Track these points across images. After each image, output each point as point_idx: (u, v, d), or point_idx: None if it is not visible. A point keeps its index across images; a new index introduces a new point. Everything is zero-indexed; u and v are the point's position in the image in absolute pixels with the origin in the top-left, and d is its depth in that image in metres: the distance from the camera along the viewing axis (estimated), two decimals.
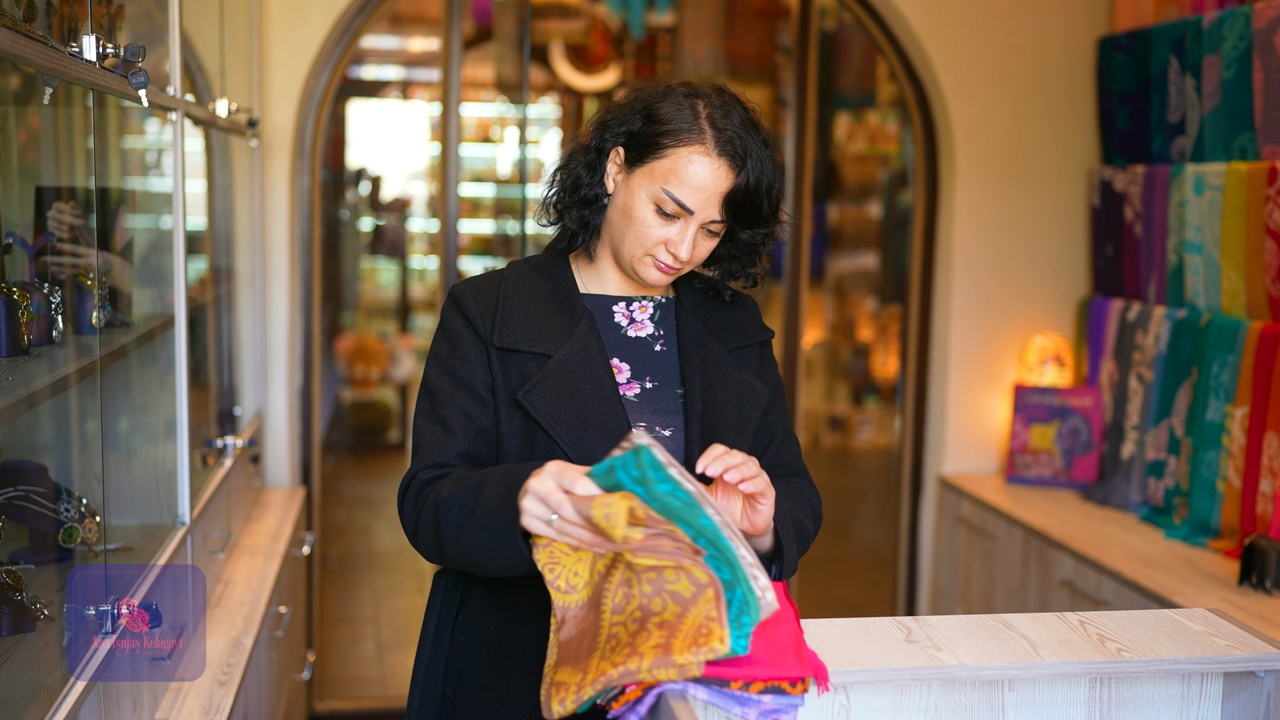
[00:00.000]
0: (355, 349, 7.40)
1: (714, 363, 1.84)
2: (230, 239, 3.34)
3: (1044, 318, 4.02)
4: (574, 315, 1.80)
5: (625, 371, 1.82)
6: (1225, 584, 2.90)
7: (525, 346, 1.76)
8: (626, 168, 1.77)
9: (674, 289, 1.91)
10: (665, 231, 1.73)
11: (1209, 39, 3.30)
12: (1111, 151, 3.85)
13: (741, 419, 1.82)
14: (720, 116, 1.71)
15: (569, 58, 7.66)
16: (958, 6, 3.85)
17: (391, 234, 7.81)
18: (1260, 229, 3.10)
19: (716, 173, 1.70)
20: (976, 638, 1.53)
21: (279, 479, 3.68)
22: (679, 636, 1.35)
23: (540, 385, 1.73)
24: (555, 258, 1.88)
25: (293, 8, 3.56)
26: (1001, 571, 3.61)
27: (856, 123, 8.13)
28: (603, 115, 1.82)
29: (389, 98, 8.66)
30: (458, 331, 1.80)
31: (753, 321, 1.94)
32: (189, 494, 2.40)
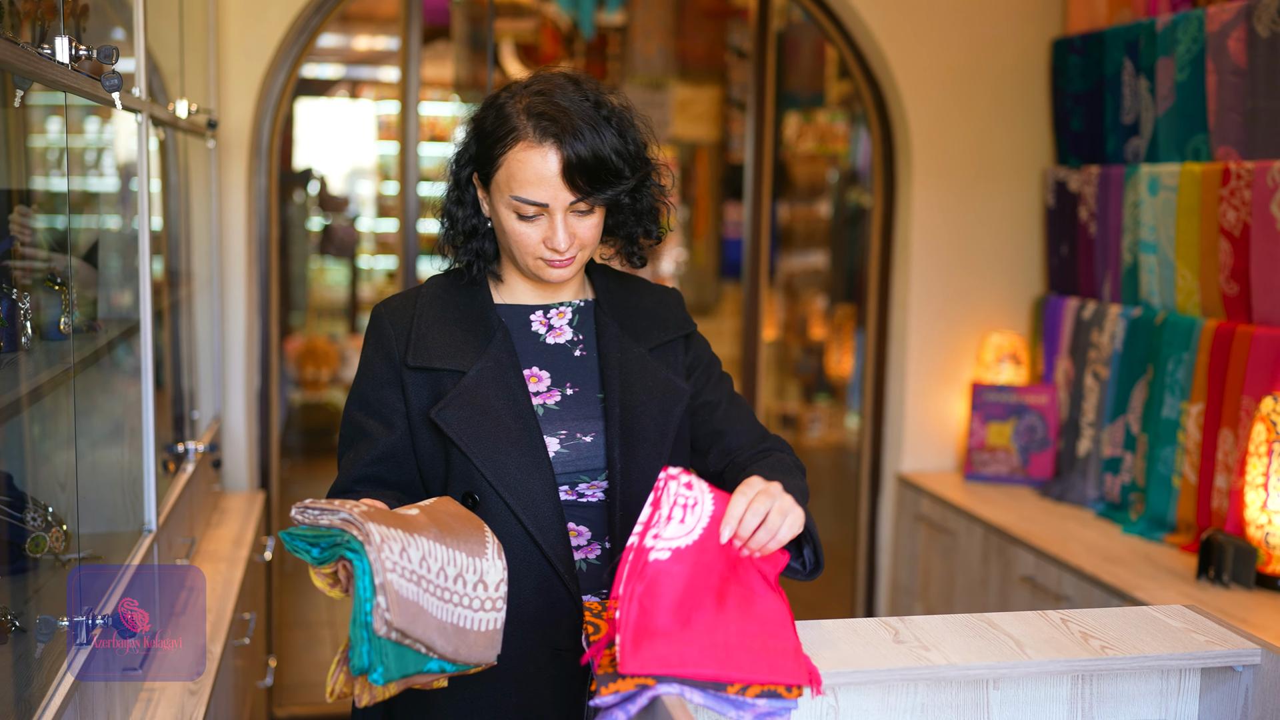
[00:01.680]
0: (305, 350, 7.34)
1: (633, 363, 1.85)
2: (187, 241, 3.30)
3: (1000, 316, 4.07)
4: (488, 330, 1.81)
5: (545, 380, 1.83)
6: (1184, 578, 2.95)
7: (439, 364, 1.77)
8: (484, 189, 1.79)
9: (592, 290, 1.91)
10: (538, 231, 1.74)
11: (1163, 41, 3.35)
12: (1066, 152, 3.90)
13: (663, 419, 1.84)
14: (538, 102, 1.71)
15: (519, 57, 7.64)
16: (914, 8, 3.89)
17: (341, 234, 7.75)
18: (1214, 229, 3.15)
19: (545, 159, 1.69)
20: (963, 637, 1.55)
21: (238, 483, 3.64)
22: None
23: (453, 403, 1.74)
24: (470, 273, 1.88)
25: (250, 7, 3.53)
26: (962, 568, 3.65)
27: (806, 122, 8.17)
28: (455, 149, 1.84)
29: (337, 96, 8.59)
30: (369, 356, 1.83)
31: (674, 316, 1.94)
32: (155, 500, 2.37)
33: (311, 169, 8.08)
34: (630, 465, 1.79)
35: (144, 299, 2.34)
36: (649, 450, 1.81)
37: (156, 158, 3.03)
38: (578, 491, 1.78)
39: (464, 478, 1.74)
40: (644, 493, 1.77)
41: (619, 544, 1.77)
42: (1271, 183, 2.94)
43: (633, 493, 1.78)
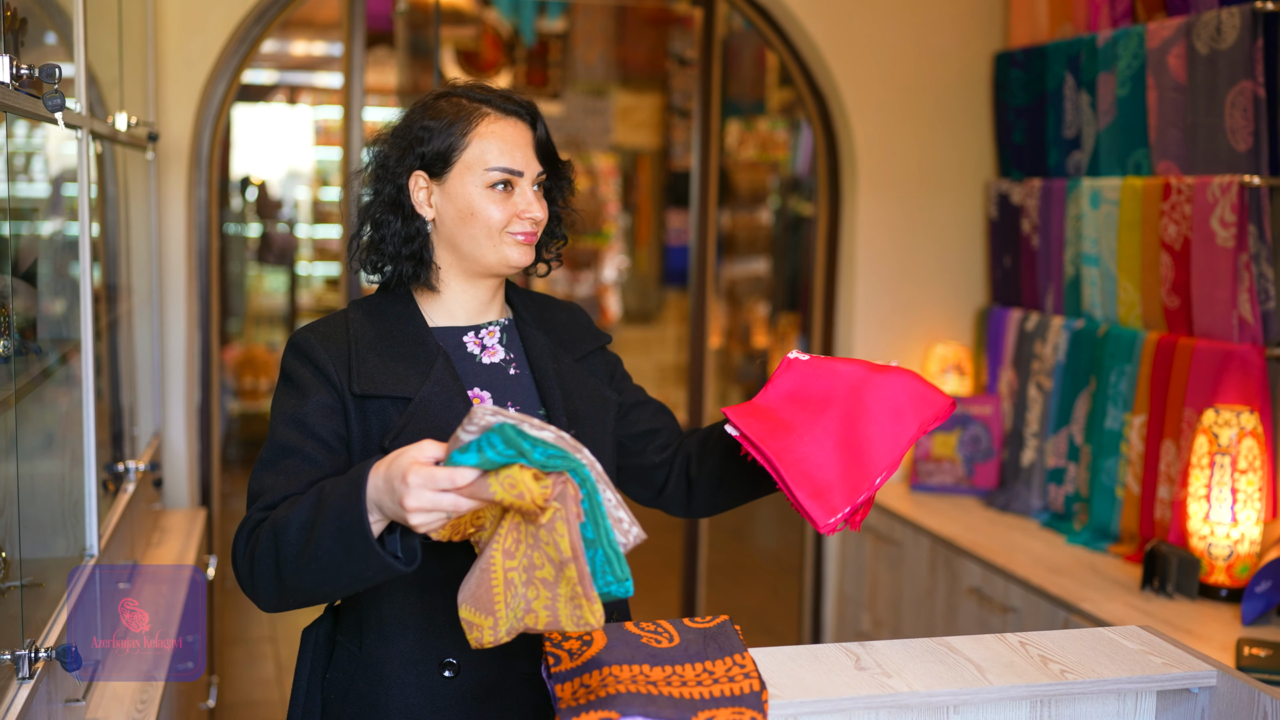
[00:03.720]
0: (243, 359, 7.24)
1: (567, 374, 1.86)
2: (126, 254, 3.23)
3: (944, 327, 4.09)
4: (428, 354, 1.78)
5: (488, 400, 1.81)
6: (1128, 588, 2.98)
7: (384, 391, 1.72)
8: (436, 183, 1.78)
9: (510, 308, 1.92)
10: (509, 205, 1.77)
11: (1104, 57, 3.39)
12: (1009, 164, 3.94)
13: (601, 428, 1.86)
14: (478, 92, 1.80)
15: (460, 63, 7.60)
16: (858, 20, 3.91)
17: (280, 241, 7.66)
18: (1155, 242, 3.20)
19: (516, 128, 1.78)
20: (924, 662, 1.55)
21: (178, 501, 3.58)
22: (560, 602, 1.36)
23: (407, 430, 1.69)
24: (397, 295, 1.84)
25: (189, 16, 3.47)
26: (909, 579, 3.67)
27: (747, 130, 8.19)
28: (371, 165, 1.83)
29: (274, 102, 8.50)
30: (306, 381, 1.73)
31: (588, 328, 1.98)
32: (96, 523, 2.31)
33: (249, 176, 7.98)
34: None
35: (85, 318, 2.29)
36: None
37: (95, 169, 2.97)
38: None
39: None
40: None
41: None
42: (1211, 198, 2.98)
43: None
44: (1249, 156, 2.93)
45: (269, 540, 1.54)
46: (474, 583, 1.40)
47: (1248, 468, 2.86)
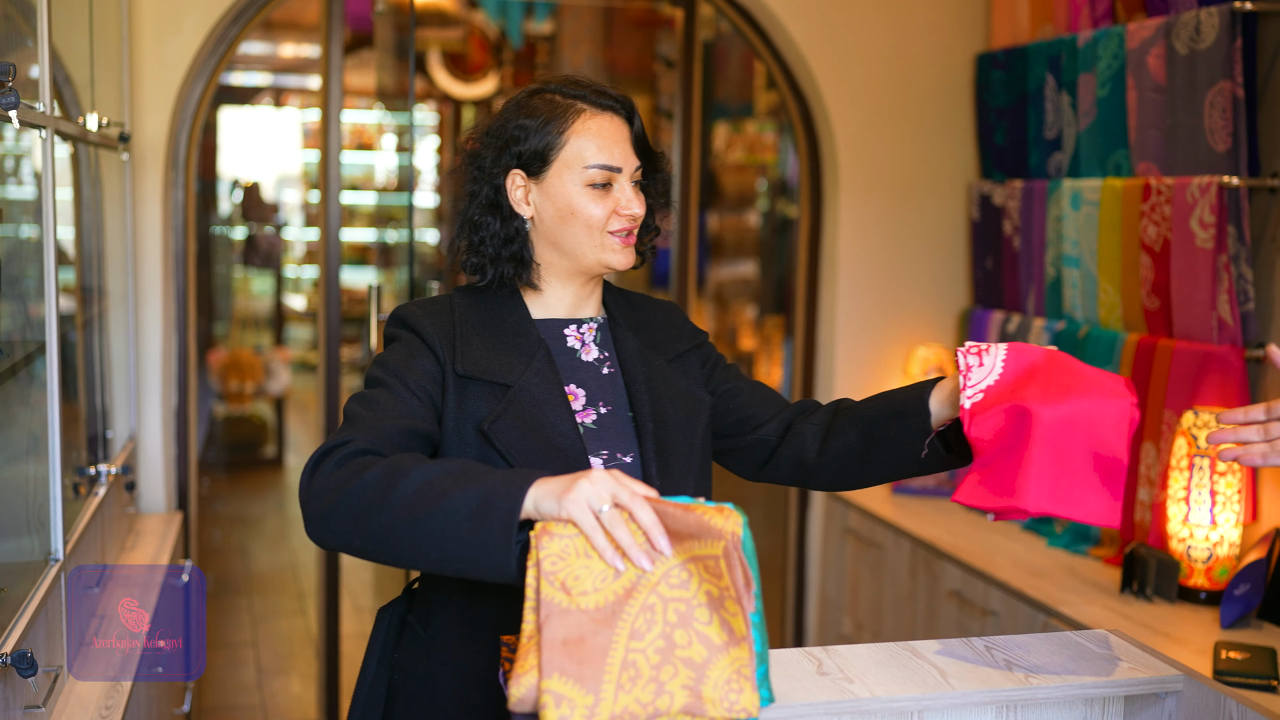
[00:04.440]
0: (228, 362, 7.21)
1: (657, 378, 1.84)
2: (100, 255, 3.21)
3: (927, 329, 4.08)
4: (530, 344, 1.78)
5: (580, 398, 1.80)
6: (1108, 591, 2.96)
7: (486, 375, 1.73)
8: (534, 182, 1.77)
9: (605, 308, 1.90)
10: (609, 202, 1.75)
11: (1084, 58, 3.38)
12: (990, 166, 3.93)
13: (690, 431, 1.83)
14: (572, 88, 1.78)
15: (447, 65, 7.58)
16: (840, 22, 3.89)
17: (265, 244, 7.63)
18: (1135, 243, 3.18)
19: (613, 123, 1.76)
20: (887, 668, 1.53)
21: (154, 504, 3.55)
22: (707, 684, 1.31)
23: (506, 416, 1.70)
24: (502, 285, 1.84)
25: (165, 17, 3.44)
26: (890, 582, 3.65)
27: (735, 132, 8.18)
28: (469, 165, 1.81)
29: (261, 104, 8.47)
30: (413, 346, 1.74)
31: (683, 327, 1.95)
32: (62, 527, 2.29)
33: (238, 178, 7.96)
34: (667, 484, 1.77)
35: (50, 319, 2.27)
36: (681, 465, 1.80)
37: (69, 170, 2.95)
38: None
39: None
40: None
41: None
42: (1191, 199, 2.97)
43: None
44: (1228, 157, 2.91)
45: (377, 480, 1.47)
46: (577, 656, 1.33)
47: (1226, 470, 2.85)
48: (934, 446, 1.78)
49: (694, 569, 1.39)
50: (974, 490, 1.62)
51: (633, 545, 1.38)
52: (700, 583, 1.38)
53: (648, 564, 1.38)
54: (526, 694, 1.34)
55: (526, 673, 1.35)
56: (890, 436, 1.80)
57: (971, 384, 1.67)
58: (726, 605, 1.36)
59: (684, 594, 1.37)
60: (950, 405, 1.75)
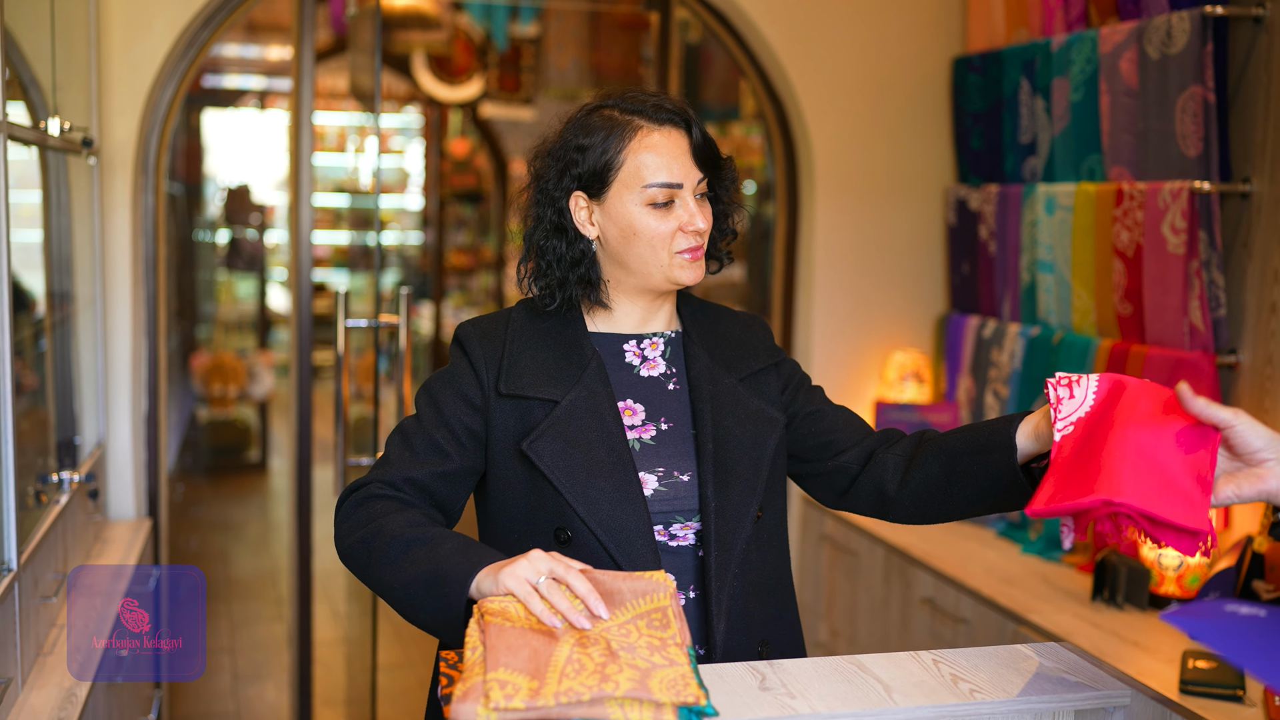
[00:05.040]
0: (212, 366, 7.18)
1: (724, 395, 1.81)
2: (68, 260, 3.18)
3: (904, 334, 4.06)
4: (582, 359, 1.77)
5: (640, 413, 1.78)
6: (1079, 599, 2.94)
7: (532, 393, 1.73)
8: (596, 203, 1.76)
9: (680, 321, 1.88)
10: (672, 220, 1.73)
11: (1058, 62, 3.36)
12: (967, 170, 3.91)
13: (756, 451, 1.78)
14: (629, 103, 1.75)
15: (431, 68, 7.56)
16: (816, 26, 3.87)
17: (249, 247, 7.60)
18: (1108, 249, 3.16)
19: (670, 137, 1.73)
20: (831, 683, 1.51)
21: (123, 511, 3.52)
22: (653, 680, 1.34)
23: (546, 434, 1.70)
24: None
25: (134, 20, 3.42)
26: (864, 589, 3.63)
27: (721, 135, 8.16)
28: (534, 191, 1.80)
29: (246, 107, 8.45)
30: (458, 372, 1.78)
31: (763, 344, 1.91)
32: (15, 536, 2.26)
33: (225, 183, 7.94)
34: (724, 504, 1.74)
35: (2, 324, 2.24)
36: (742, 487, 1.76)
37: (38, 174, 2.92)
38: (670, 533, 1.74)
39: (555, 513, 1.70)
40: (737, 533, 1.73)
41: (709, 591, 1.70)
42: (1163, 204, 2.95)
43: (727, 533, 1.73)
44: (1199, 162, 2.89)
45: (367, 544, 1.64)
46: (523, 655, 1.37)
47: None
48: (1019, 482, 1.67)
49: (638, 626, 1.44)
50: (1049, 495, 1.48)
51: (570, 609, 1.44)
52: (641, 636, 1.43)
53: (586, 623, 1.43)
54: (472, 688, 1.33)
55: (472, 677, 1.35)
56: (974, 470, 1.72)
57: (1063, 416, 1.57)
58: (669, 649, 1.41)
59: (627, 640, 1.41)
60: (1037, 439, 1.65)
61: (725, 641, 1.70)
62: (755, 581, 1.76)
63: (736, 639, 1.72)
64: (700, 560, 1.74)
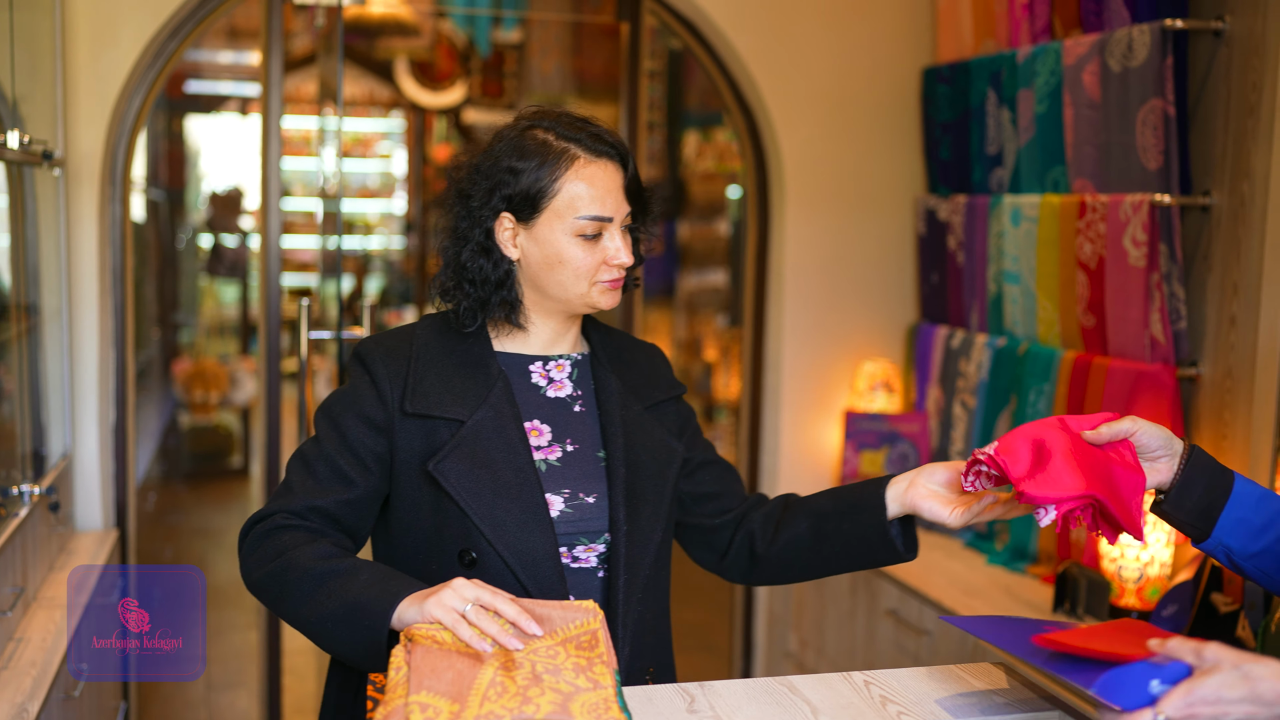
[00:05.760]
0: (193, 372, 7.17)
1: (634, 422, 1.81)
2: (35, 270, 3.18)
3: (875, 344, 4.06)
4: (489, 379, 1.75)
5: (546, 434, 1.77)
6: (1040, 610, 2.95)
7: (438, 412, 1.71)
8: (523, 226, 1.74)
9: (587, 343, 1.87)
10: (599, 252, 1.72)
11: (1023, 73, 3.37)
12: (936, 180, 3.91)
13: (660, 480, 1.80)
14: (565, 129, 1.73)
15: (414, 74, 7.56)
16: (787, 36, 3.87)
17: (231, 254, 7.59)
18: (1072, 260, 3.17)
19: (605, 170, 1.72)
20: (760, 704, 1.51)
21: (90, 522, 3.52)
22: (575, 704, 1.35)
23: (452, 455, 1.68)
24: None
25: (101, 31, 3.42)
26: (832, 600, 3.63)
27: (705, 141, 8.17)
28: (456, 205, 1.77)
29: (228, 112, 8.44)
30: (359, 392, 1.74)
31: (665, 375, 1.93)
32: None
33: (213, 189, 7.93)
34: (634, 528, 1.74)
35: None
36: (650, 512, 1.77)
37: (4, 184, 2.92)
38: (573, 555, 1.73)
39: (460, 535, 1.68)
40: (644, 557, 1.74)
41: (615, 613, 1.71)
42: (1124, 216, 2.95)
43: (635, 556, 1.74)
44: (1159, 175, 2.90)
45: (280, 574, 1.62)
46: (446, 678, 1.38)
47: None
48: (889, 540, 1.75)
49: (566, 649, 1.45)
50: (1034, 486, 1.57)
51: (500, 632, 1.44)
52: (569, 657, 1.43)
53: (518, 644, 1.43)
54: (393, 711, 1.34)
55: (394, 700, 1.36)
56: (843, 530, 1.78)
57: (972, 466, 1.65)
58: (595, 668, 1.42)
59: (553, 662, 1.42)
60: (901, 504, 1.73)
61: (629, 664, 1.71)
62: (653, 606, 1.77)
63: (635, 661, 1.72)
64: (604, 581, 1.74)
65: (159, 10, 3.44)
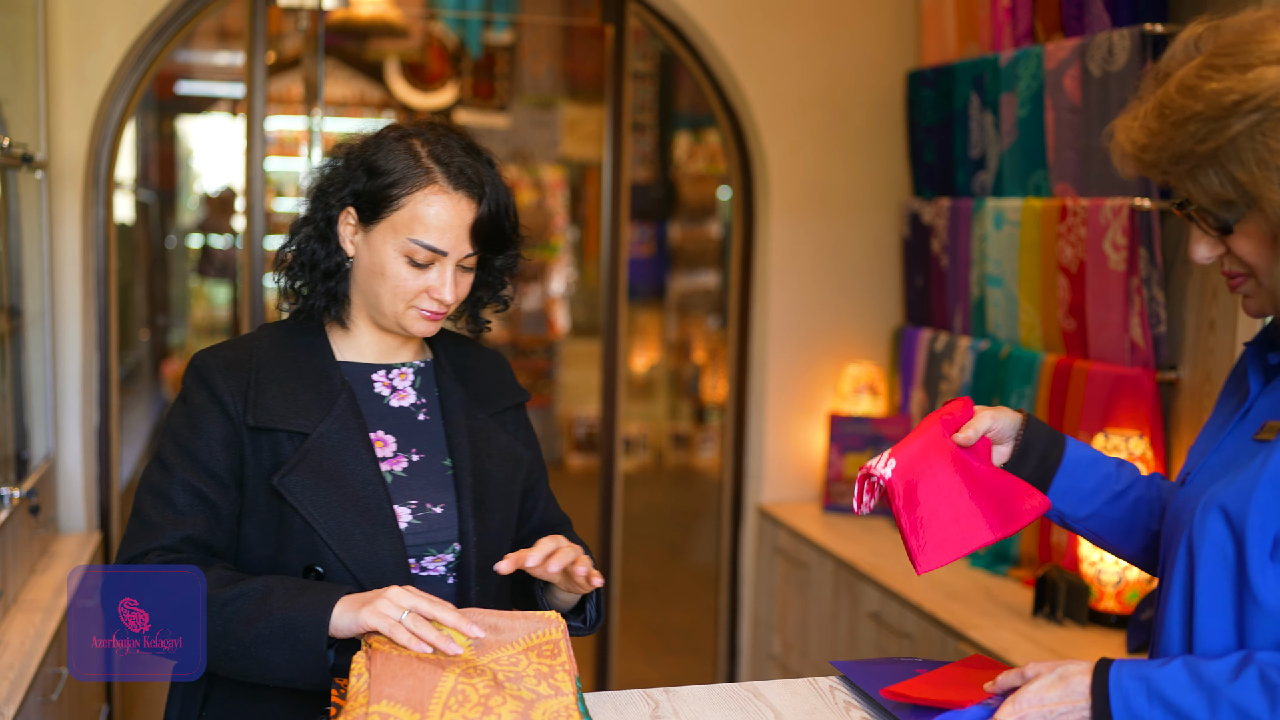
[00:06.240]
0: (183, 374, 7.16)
1: (478, 430, 1.79)
2: (18, 273, 3.18)
3: (860, 347, 4.07)
4: (332, 389, 1.71)
5: (391, 445, 1.74)
6: (1020, 614, 2.95)
7: (281, 425, 1.65)
8: (363, 227, 1.70)
9: (430, 349, 1.85)
10: (423, 280, 1.68)
11: (1006, 77, 3.37)
12: (920, 184, 3.92)
13: (507, 488, 1.79)
14: (442, 151, 1.68)
15: (405, 75, 7.55)
16: (771, 40, 3.88)
17: (221, 256, 7.58)
18: (1053, 264, 3.17)
19: (457, 207, 1.66)
20: (724, 710, 1.51)
21: (74, 525, 3.52)
22: (536, 711, 1.36)
23: (298, 468, 1.63)
24: (308, 323, 1.77)
25: (83, 34, 3.42)
26: (815, 603, 3.63)
27: (696, 142, 8.18)
28: (317, 180, 1.74)
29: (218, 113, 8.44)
30: (201, 409, 1.66)
31: (509, 383, 1.90)
32: None
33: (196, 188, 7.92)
34: (484, 537, 1.73)
35: None
36: (500, 521, 1.76)
37: None
38: (421, 565, 1.71)
39: (306, 550, 1.63)
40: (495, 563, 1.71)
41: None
42: (1104, 221, 2.96)
43: (487, 565, 1.71)
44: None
45: None
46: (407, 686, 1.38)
47: None
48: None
49: (528, 656, 1.46)
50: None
51: (439, 638, 1.43)
52: (531, 665, 1.45)
53: (458, 649, 1.43)
54: None
55: (355, 709, 1.36)
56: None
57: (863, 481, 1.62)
58: (557, 675, 1.43)
59: (515, 669, 1.44)
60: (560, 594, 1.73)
61: None
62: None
63: None
64: (455, 589, 1.72)
65: (142, 13, 3.44)
